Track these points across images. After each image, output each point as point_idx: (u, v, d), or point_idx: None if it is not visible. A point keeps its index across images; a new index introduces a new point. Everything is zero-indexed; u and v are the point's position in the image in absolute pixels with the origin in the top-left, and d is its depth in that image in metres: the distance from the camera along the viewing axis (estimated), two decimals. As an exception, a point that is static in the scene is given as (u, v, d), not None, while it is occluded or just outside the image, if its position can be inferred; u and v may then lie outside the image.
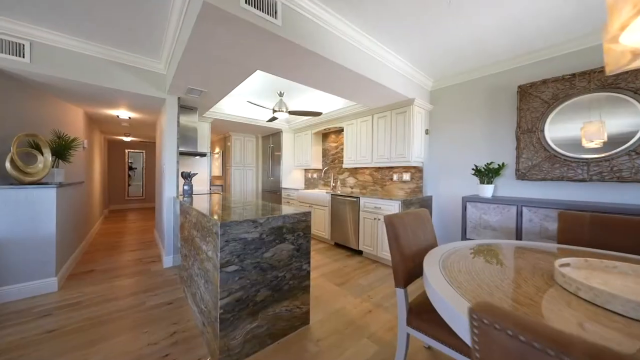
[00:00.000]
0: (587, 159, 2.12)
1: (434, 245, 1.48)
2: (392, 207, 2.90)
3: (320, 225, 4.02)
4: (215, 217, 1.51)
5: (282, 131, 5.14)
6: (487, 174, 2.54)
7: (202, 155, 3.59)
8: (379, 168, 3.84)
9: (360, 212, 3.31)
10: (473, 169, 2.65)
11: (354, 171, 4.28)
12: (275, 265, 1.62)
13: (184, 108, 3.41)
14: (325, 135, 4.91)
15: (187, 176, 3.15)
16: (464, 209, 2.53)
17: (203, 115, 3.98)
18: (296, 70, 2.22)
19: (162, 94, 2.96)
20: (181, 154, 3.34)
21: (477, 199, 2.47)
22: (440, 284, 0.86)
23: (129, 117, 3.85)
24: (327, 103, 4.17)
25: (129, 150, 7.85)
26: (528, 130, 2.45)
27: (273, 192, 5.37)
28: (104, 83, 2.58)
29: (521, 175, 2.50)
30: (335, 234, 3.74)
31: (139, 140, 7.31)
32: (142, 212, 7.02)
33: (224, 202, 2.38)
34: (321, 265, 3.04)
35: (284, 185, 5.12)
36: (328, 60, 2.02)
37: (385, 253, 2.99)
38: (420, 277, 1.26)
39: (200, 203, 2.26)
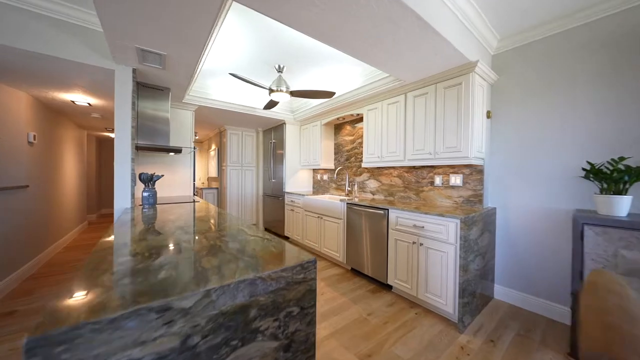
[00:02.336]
0: None
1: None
2: (445, 228, 1.89)
3: (332, 243, 3.06)
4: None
5: (285, 123, 4.21)
6: (618, 178, 1.49)
7: (177, 151, 2.72)
8: (413, 168, 2.83)
9: (390, 230, 2.32)
10: (586, 170, 1.61)
11: (376, 172, 3.28)
12: (230, 402, 0.68)
13: (149, 88, 2.54)
14: (338, 126, 3.94)
15: (149, 180, 2.28)
16: (580, 236, 1.50)
17: (182, 100, 3.11)
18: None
19: (111, 63, 2.10)
20: (143, 148, 2.47)
21: (607, 221, 1.42)
22: None
23: (89, 104, 3.03)
24: (341, 82, 3.19)
25: (123, 148, 7.18)
26: (702, 100, 1.39)
27: (275, 197, 4.46)
28: (14, 43, 1.74)
29: (683, 180, 1.44)
30: (353, 256, 2.76)
31: (132, 137, 6.60)
32: (133, 218, 6.31)
33: (180, 221, 1.46)
34: (333, 310, 2.07)
35: (287, 189, 4.19)
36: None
37: (431, 296, 1.98)
38: None
39: (133, 227, 1.35)
